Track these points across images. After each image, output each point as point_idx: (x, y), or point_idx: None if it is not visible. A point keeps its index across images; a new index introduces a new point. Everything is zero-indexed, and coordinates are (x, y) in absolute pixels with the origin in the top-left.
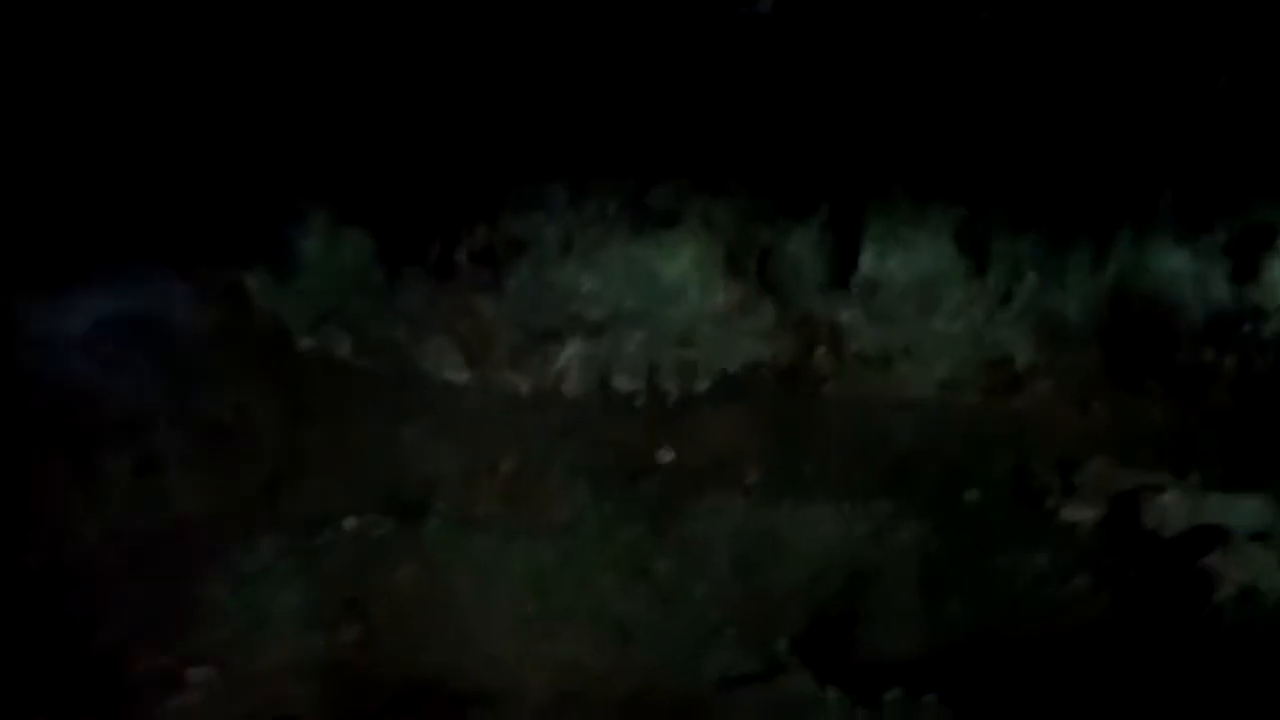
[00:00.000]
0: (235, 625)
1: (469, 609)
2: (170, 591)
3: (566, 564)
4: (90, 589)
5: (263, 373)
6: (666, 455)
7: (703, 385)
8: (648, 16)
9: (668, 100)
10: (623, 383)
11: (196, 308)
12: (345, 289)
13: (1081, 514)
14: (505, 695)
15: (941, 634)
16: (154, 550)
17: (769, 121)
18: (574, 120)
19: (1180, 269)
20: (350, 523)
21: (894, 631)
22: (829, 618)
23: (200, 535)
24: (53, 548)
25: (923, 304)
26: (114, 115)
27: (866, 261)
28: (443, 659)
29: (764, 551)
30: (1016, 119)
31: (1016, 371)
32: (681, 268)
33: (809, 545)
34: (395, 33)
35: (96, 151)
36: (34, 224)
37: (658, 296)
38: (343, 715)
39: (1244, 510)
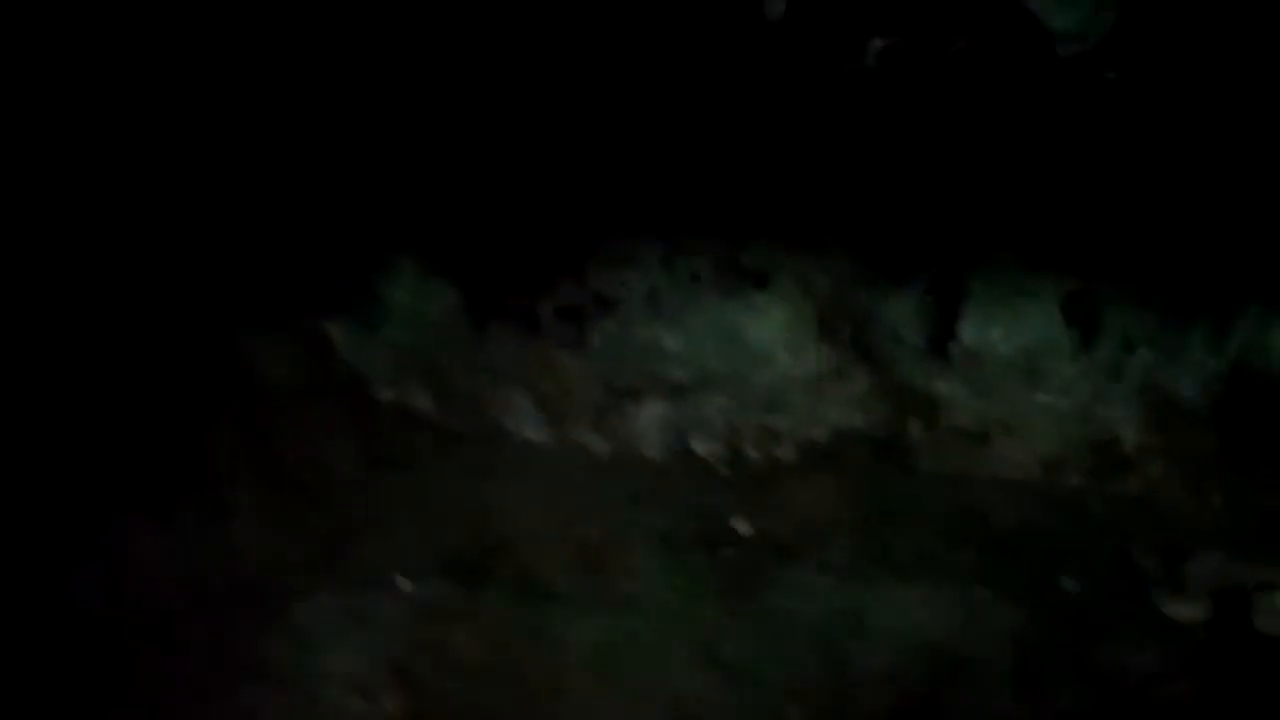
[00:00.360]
0: (287, 687)
1: (529, 685)
2: (223, 647)
3: (634, 639)
4: (149, 639)
5: (340, 424)
6: (746, 526)
7: (789, 453)
8: (747, 74)
9: (764, 157)
10: (705, 448)
11: (278, 357)
12: (430, 341)
13: (1190, 610)
14: None
15: None
16: (214, 603)
17: (870, 181)
18: (668, 176)
19: None
20: (409, 584)
21: None
22: (914, 709)
23: (261, 590)
24: (120, 598)
25: (1026, 377)
26: (204, 159)
27: (967, 330)
28: None
29: (846, 633)
30: (1135, 186)
31: (1125, 453)
32: (772, 330)
33: (895, 628)
34: (490, 88)
35: (181, 199)
36: (118, 269)
37: (746, 359)
38: None
39: None
